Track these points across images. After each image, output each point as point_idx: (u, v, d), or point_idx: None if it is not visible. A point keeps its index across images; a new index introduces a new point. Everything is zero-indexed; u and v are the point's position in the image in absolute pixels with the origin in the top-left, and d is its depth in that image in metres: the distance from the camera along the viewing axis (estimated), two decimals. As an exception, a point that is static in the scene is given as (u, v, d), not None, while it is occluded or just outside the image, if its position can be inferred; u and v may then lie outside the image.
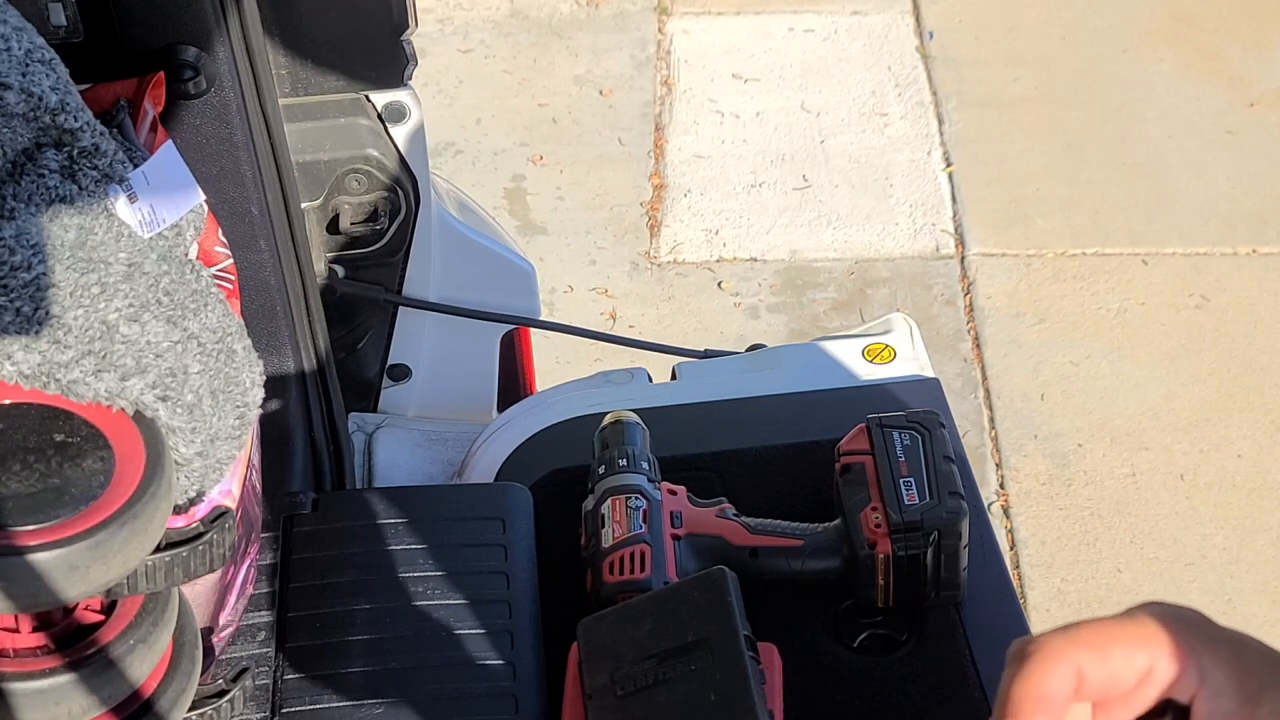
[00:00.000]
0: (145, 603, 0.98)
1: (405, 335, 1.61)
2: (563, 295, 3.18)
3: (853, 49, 3.85)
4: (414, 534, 1.28)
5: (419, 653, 1.19)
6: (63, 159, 1.00)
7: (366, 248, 1.54)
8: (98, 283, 0.95)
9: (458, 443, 1.50)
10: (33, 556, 0.87)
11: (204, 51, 1.22)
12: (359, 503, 1.31)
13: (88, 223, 0.98)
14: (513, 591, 1.24)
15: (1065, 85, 3.74)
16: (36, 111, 0.97)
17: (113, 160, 1.02)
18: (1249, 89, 3.72)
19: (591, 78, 3.79)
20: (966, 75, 3.77)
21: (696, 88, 3.74)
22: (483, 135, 3.60)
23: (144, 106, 1.14)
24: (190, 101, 1.23)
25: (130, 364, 0.94)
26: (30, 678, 0.93)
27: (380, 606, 1.22)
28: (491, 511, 1.30)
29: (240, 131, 1.26)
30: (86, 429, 0.93)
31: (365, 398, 1.63)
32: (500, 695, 1.17)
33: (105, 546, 0.89)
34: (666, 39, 3.90)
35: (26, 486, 0.90)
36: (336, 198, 1.50)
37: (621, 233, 3.34)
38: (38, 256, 0.94)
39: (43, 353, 0.92)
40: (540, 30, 3.93)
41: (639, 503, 1.22)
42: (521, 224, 3.35)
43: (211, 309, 1.01)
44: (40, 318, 0.92)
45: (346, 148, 1.48)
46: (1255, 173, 3.47)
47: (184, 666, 1.03)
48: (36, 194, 0.97)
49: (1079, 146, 3.53)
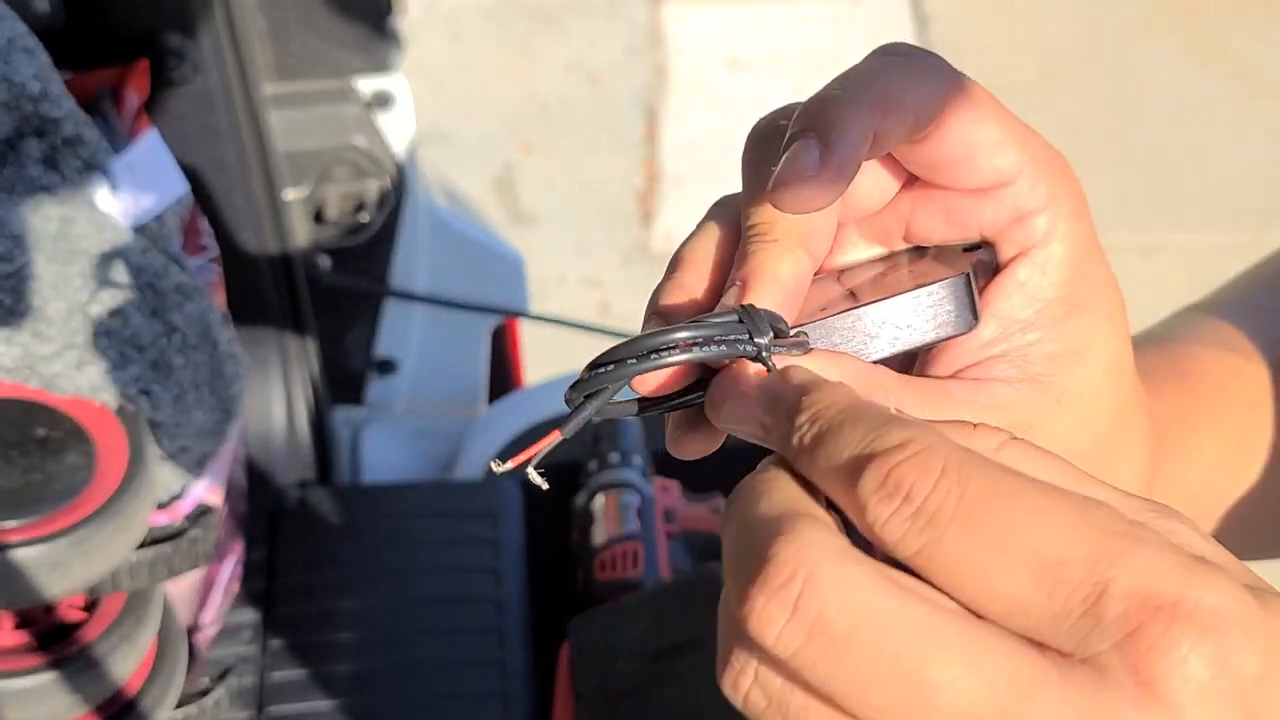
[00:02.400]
0: (128, 600, 0.98)
1: (393, 328, 1.60)
2: (554, 286, 3.16)
3: (850, 36, 3.84)
4: (402, 531, 1.28)
5: (407, 651, 1.18)
6: (44, 148, 0.99)
7: (353, 238, 1.53)
8: (80, 274, 0.94)
9: (447, 437, 1.50)
10: (14, 553, 0.87)
11: (188, 39, 1.21)
12: (346, 499, 1.31)
13: (70, 213, 0.97)
14: (502, 589, 1.23)
15: (1067, 73, 3.73)
16: (18, 100, 0.96)
17: (95, 149, 1.01)
18: (1253, 78, 3.72)
19: (583, 64, 3.77)
20: (966, 63, 3.72)
21: (690, 75, 3.73)
22: (472, 123, 3.58)
23: (127, 95, 1.13)
24: (174, 89, 1.22)
25: (113, 357, 0.93)
26: (11, 676, 0.93)
27: (367, 604, 1.22)
28: (481, 508, 1.30)
29: (225, 120, 1.25)
30: (68, 423, 0.93)
31: (352, 391, 1.62)
32: (489, 694, 1.16)
33: (88, 543, 0.88)
34: (659, 25, 3.89)
35: (8, 482, 0.90)
36: (323, 187, 1.49)
37: (613, 222, 3.33)
38: (19, 247, 0.93)
39: (24, 345, 0.91)
40: (531, 16, 3.92)
41: (631, 499, 1.22)
42: (511, 213, 3.34)
43: (195, 301, 1.00)
44: (21, 310, 0.92)
45: (333, 136, 1.47)
46: (1259, 162, 3.46)
47: (168, 665, 1.02)
48: (18, 184, 0.96)
49: (1081, 135, 3.52)
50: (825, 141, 0.42)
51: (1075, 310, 0.47)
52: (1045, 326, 0.46)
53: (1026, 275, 0.46)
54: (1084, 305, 0.47)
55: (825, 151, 0.42)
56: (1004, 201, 0.46)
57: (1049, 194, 0.46)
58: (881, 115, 0.43)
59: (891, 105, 0.43)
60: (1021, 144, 0.46)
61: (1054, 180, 0.46)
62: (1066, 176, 0.47)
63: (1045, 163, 0.46)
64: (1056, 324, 0.46)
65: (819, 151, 0.42)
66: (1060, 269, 0.46)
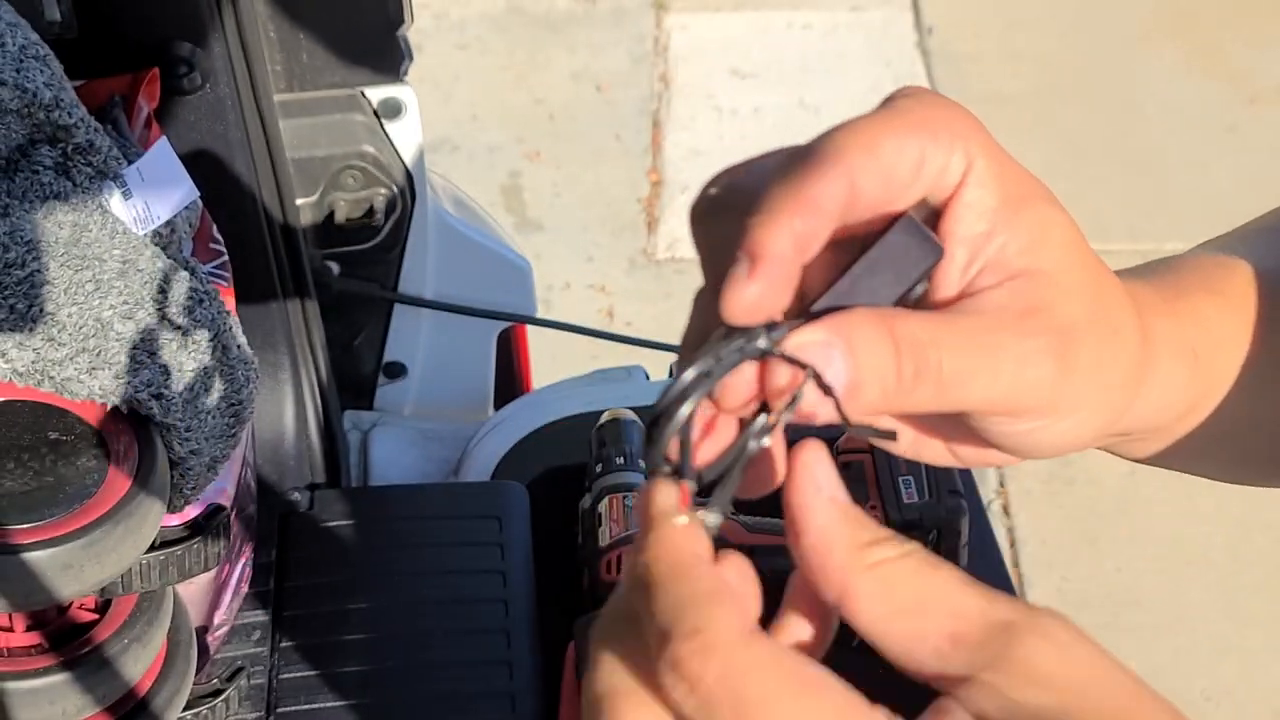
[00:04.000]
0: (139, 602, 0.98)
1: (401, 332, 1.61)
2: (559, 292, 3.17)
3: (852, 45, 3.85)
4: (410, 532, 1.28)
5: (415, 652, 1.19)
6: (57, 155, 0.99)
7: (362, 244, 1.54)
8: (92, 279, 0.95)
9: (454, 440, 1.50)
10: (27, 555, 0.87)
11: (199, 47, 1.21)
12: (355, 501, 1.31)
13: (82, 219, 0.97)
14: (509, 590, 1.24)
15: (1065, 81, 3.73)
16: (30, 108, 0.97)
17: (107, 157, 1.01)
18: (1250, 85, 3.72)
19: (589, 73, 3.78)
20: (966, 71, 3.77)
21: (694, 84, 3.74)
22: (479, 131, 3.59)
23: (138, 103, 1.14)
24: (185, 98, 1.23)
25: (124, 361, 0.94)
26: (24, 677, 0.93)
27: (376, 605, 1.22)
28: (488, 510, 1.30)
29: (235, 128, 1.25)
30: (81, 426, 0.93)
31: (361, 395, 1.63)
32: (497, 694, 1.17)
33: (99, 545, 0.89)
34: (664, 34, 3.90)
35: (20, 484, 0.90)
36: (332, 194, 1.50)
37: (619, 229, 3.34)
38: (32, 253, 0.93)
39: (37, 350, 0.91)
40: (537, 26, 3.93)
41: (636, 501, 1.22)
42: (518, 220, 3.34)
43: (206, 306, 1.01)
44: (34, 315, 0.92)
45: (342, 144, 1.48)
46: (1256, 169, 3.47)
47: (179, 665, 1.02)
48: (30, 190, 0.97)
49: (1079, 143, 3.53)
50: (754, 261, 0.47)
51: (1019, 204, 0.51)
52: (1003, 229, 0.51)
53: (970, 197, 0.51)
54: (1023, 198, 0.51)
55: (754, 268, 0.46)
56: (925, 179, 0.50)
57: (950, 136, 0.50)
58: (803, 220, 0.47)
59: (801, 207, 0.47)
60: (913, 130, 0.49)
61: (941, 125, 0.50)
62: (948, 113, 0.50)
63: (929, 121, 0.50)
64: (1009, 222, 0.51)
65: (748, 268, 0.46)
66: (991, 179, 0.50)
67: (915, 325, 0.48)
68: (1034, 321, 0.51)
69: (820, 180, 0.47)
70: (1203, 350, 0.61)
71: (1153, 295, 0.59)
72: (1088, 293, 0.52)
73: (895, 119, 0.49)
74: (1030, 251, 0.51)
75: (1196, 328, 0.61)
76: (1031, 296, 0.51)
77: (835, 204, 0.48)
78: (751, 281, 0.46)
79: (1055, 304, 0.51)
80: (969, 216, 0.51)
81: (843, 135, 0.49)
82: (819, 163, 0.48)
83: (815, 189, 0.47)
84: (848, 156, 0.48)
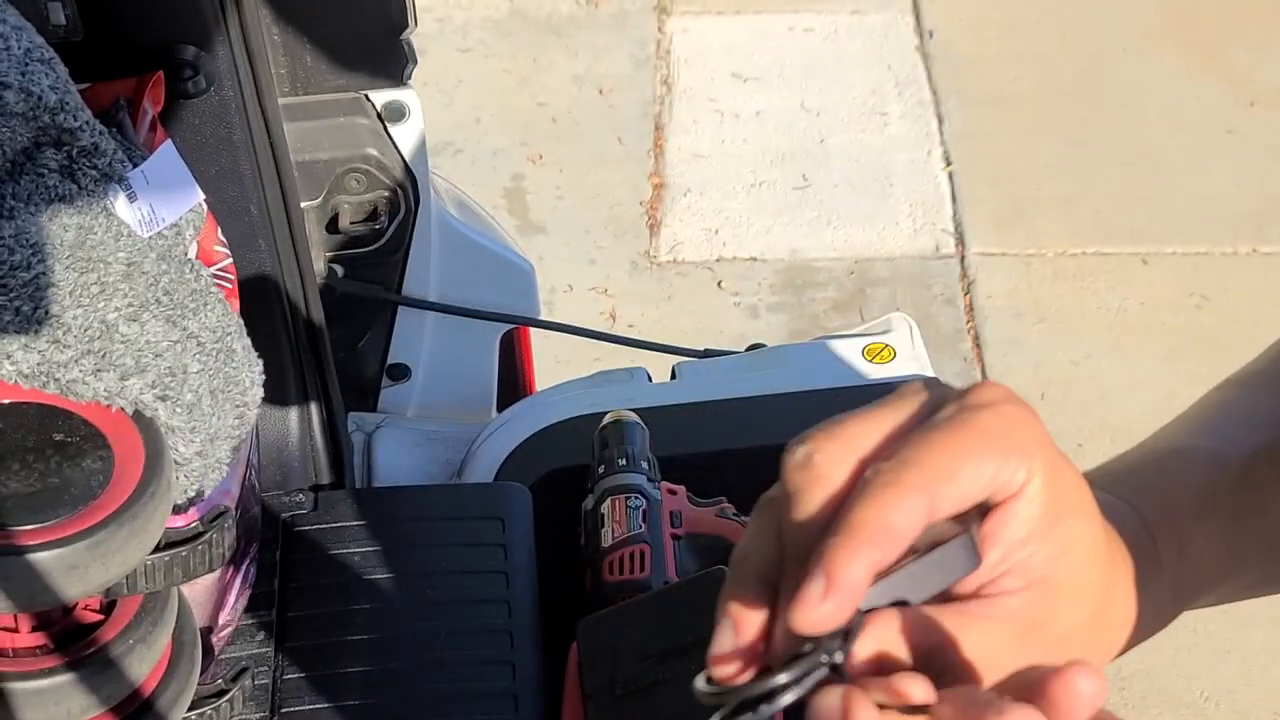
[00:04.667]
0: (144, 602, 0.98)
1: (405, 335, 1.61)
2: (562, 294, 3.17)
3: (852, 48, 3.85)
4: (413, 533, 1.28)
5: (418, 652, 1.19)
6: (62, 158, 1.00)
7: (366, 247, 1.54)
8: (97, 282, 0.95)
9: (457, 442, 1.50)
10: (32, 556, 0.87)
11: (203, 51, 1.22)
12: (358, 502, 1.31)
13: (87, 222, 0.98)
14: (512, 591, 1.24)
15: (1065, 84, 3.73)
16: (35, 111, 0.97)
17: (112, 159, 1.02)
18: (1250, 88, 3.72)
19: (591, 77, 3.79)
20: (967, 74, 3.77)
21: (696, 87, 3.74)
22: (482, 134, 3.59)
23: (143, 106, 1.14)
24: (189, 101, 1.23)
25: (129, 363, 0.94)
26: (29, 677, 0.94)
27: (380, 606, 1.22)
28: (491, 511, 1.30)
29: (240, 131, 1.26)
30: (86, 428, 0.93)
31: (364, 397, 1.63)
32: (500, 695, 1.17)
33: (104, 546, 0.89)
34: (666, 38, 3.90)
35: (26, 486, 0.90)
36: (336, 197, 1.50)
37: (621, 232, 3.34)
38: (37, 256, 0.94)
39: (42, 352, 0.92)
40: (540, 29, 3.93)
41: (638, 502, 1.22)
42: (521, 223, 3.35)
43: (211, 308, 1.01)
44: (39, 317, 0.92)
45: (346, 147, 1.48)
46: (1256, 172, 3.47)
47: (183, 666, 1.03)
48: (36, 193, 0.97)
49: (1079, 145, 3.53)
50: (829, 582, 0.51)
51: (1057, 518, 0.56)
52: (1037, 539, 0.55)
53: (1019, 508, 0.55)
54: (1062, 512, 0.56)
55: (829, 591, 0.51)
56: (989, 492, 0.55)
57: (1020, 455, 0.54)
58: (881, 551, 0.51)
59: (882, 538, 0.51)
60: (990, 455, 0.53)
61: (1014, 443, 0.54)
62: (1020, 428, 0.55)
63: (1005, 440, 0.54)
64: (1044, 534, 0.55)
65: (824, 588, 0.51)
66: (1042, 495, 0.55)
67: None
68: (1034, 637, 0.55)
69: (901, 511, 0.51)
70: (1186, 590, 0.69)
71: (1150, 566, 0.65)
72: (1092, 601, 0.58)
73: (976, 440, 0.53)
74: (1053, 561, 0.56)
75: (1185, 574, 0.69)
76: (1041, 609, 0.56)
77: (913, 531, 0.52)
78: (826, 601, 0.50)
79: (1059, 616, 0.56)
80: (1013, 524, 0.55)
81: (927, 456, 0.52)
82: (902, 489, 0.51)
83: (895, 519, 0.51)
84: (931, 485, 0.52)
